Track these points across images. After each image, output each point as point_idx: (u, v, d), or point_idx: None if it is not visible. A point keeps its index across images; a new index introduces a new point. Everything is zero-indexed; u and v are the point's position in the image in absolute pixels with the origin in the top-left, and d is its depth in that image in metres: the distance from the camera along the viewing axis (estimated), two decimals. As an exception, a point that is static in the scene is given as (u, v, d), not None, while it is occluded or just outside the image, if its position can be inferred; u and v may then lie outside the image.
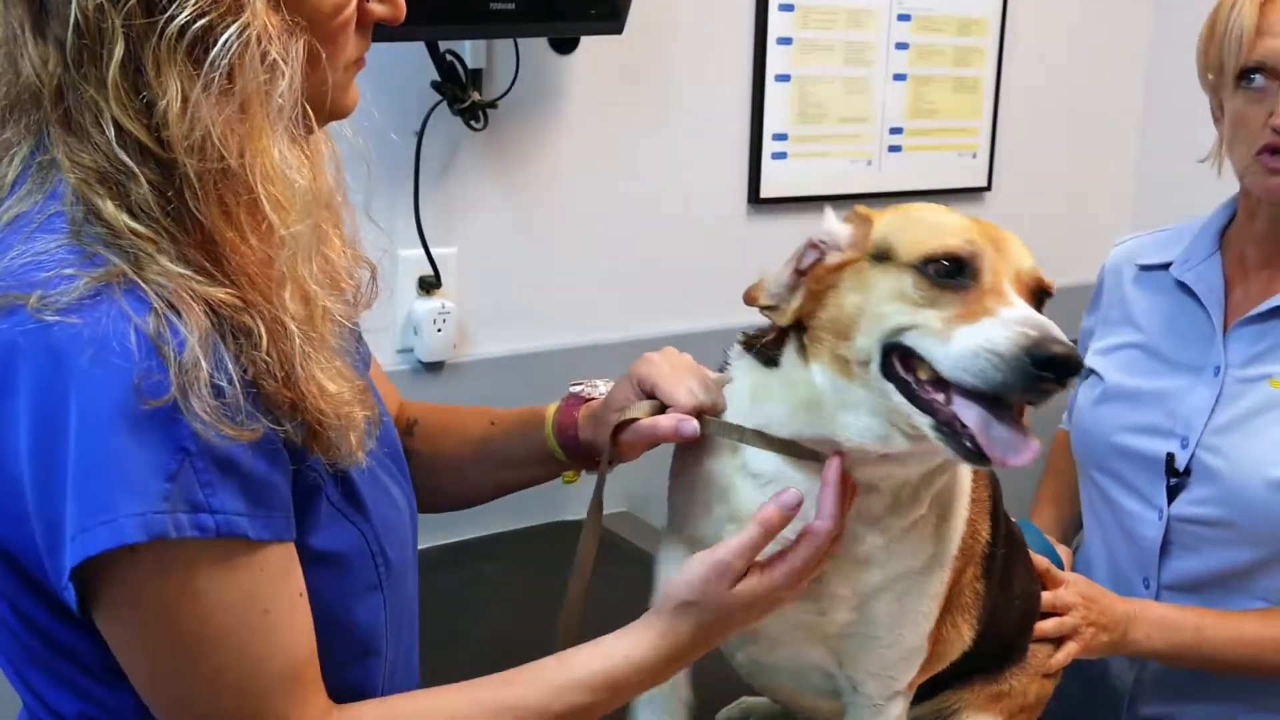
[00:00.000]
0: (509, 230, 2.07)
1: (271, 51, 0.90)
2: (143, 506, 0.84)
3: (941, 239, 1.01)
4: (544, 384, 2.10)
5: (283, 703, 0.93)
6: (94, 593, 0.89)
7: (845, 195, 2.42)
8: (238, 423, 0.87)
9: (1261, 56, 1.42)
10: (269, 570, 0.92)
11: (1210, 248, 1.55)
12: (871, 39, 2.37)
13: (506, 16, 1.79)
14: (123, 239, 0.87)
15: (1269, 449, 1.42)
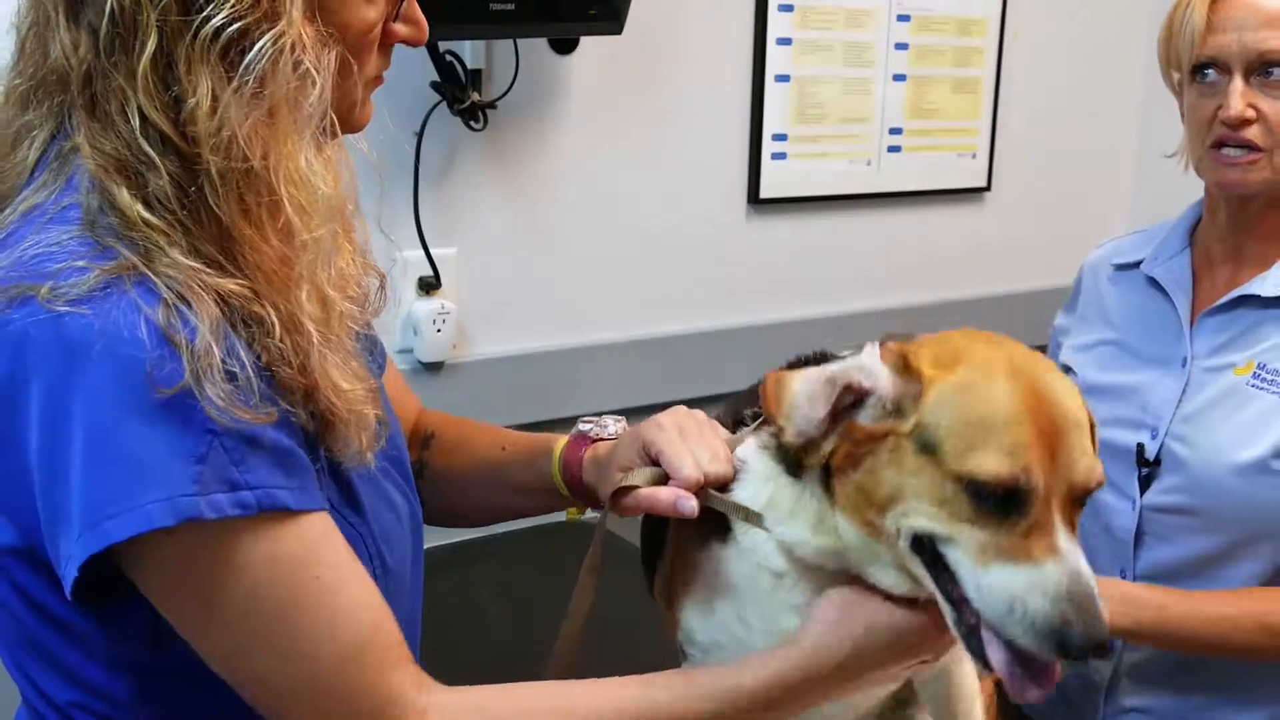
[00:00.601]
0: (508, 231, 2.07)
1: (305, 61, 0.91)
2: (167, 491, 0.84)
3: (993, 461, 0.91)
4: (544, 384, 2.11)
5: (361, 668, 0.92)
6: (141, 580, 0.89)
7: (845, 195, 2.42)
8: (252, 406, 0.87)
9: (1212, 52, 1.46)
10: (311, 538, 0.92)
11: (1180, 245, 1.60)
12: (871, 39, 2.37)
13: (506, 17, 1.79)
14: (135, 230, 0.88)
15: (1231, 435, 1.45)
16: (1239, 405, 1.47)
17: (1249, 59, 1.44)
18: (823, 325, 2.37)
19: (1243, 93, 1.44)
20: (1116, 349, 1.62)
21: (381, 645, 0.94)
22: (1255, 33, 1.43)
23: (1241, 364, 1.49)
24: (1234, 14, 1.45)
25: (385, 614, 0.95)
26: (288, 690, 0.92)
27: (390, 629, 0.96)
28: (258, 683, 0.93)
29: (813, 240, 2.40)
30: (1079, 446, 0.94)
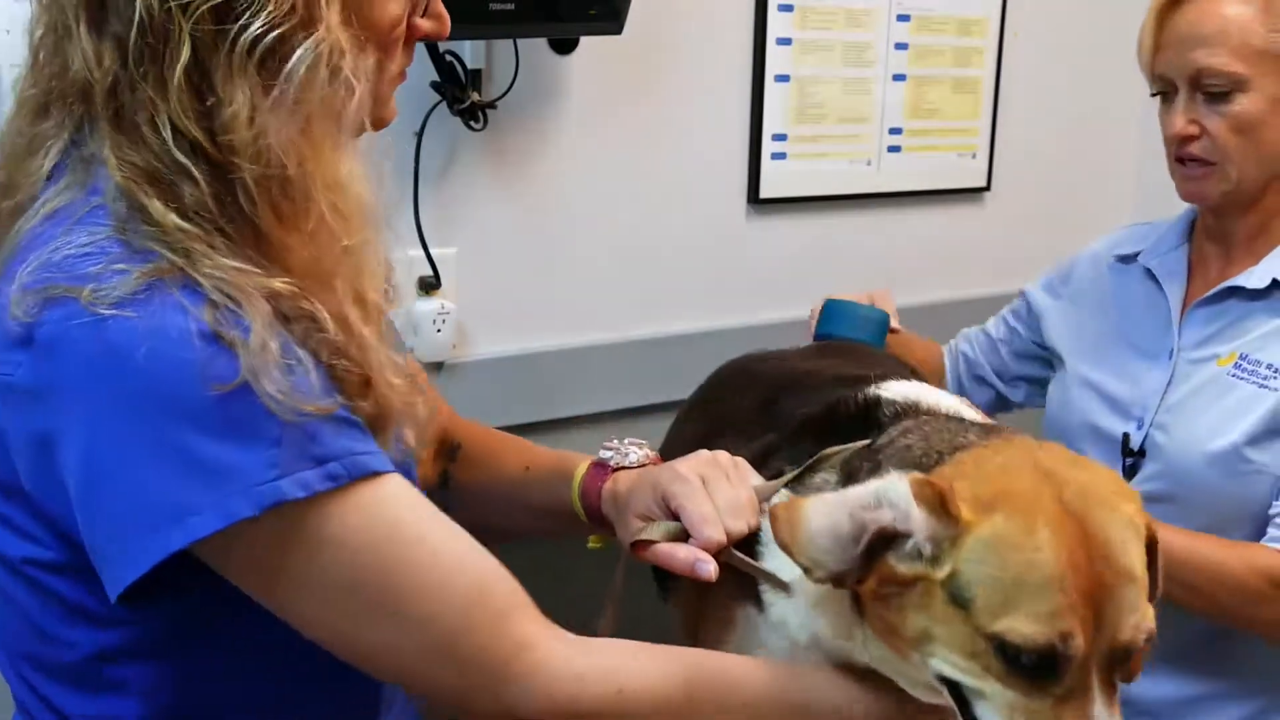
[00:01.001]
0: (508, 230, 2.07)
1: (344, 67, 0.90)
2: (247, 481, 0.83)
3: (1028, 626, 0.85)
4: (544, 384, 2.11)
5: (487, 617, 0.90)
6: (229, 571, 0.88)
7: (845, 195, 2.42)
8: (314, 398, 0.86)
9: (1160, 70, 1.53)
10: (401, 498, 0.91)
11: (1179, 239, 1.63)
12: (871, 39, 2.37)
13: (506, 17, 1.79)
14: (170, 236, 0.87)
15: (1207, 425, 1.49)
16: (1219, 395, 1.50)
17: (1189, 76, 1.48)
18: (823, 325, 2.37)
19: (1184, 110, 1.49)
20: (1111, 339, 1.65)
21: (500, 594, 0.92)
22: (1192, 51, 1.47)
23: (1225, 354, 1.53)
24: (1177, 32, 1.50)
25: (493, 563, 0.93)
26: (413, 656, 0.90)
27: (503, 575, 0.93)
28: (378, 655, 0.91)
29: (813, 240, 2.40)
30: (1127, 604, 0.87)
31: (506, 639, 0.91)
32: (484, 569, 0.93)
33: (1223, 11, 1.47)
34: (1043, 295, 1.81)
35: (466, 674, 0.90)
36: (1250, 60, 1.45)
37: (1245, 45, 1.45)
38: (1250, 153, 1.48)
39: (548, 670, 0.91)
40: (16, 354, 0.86)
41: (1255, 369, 1.49)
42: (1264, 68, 1.46)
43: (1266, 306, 1.52)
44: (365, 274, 0.97)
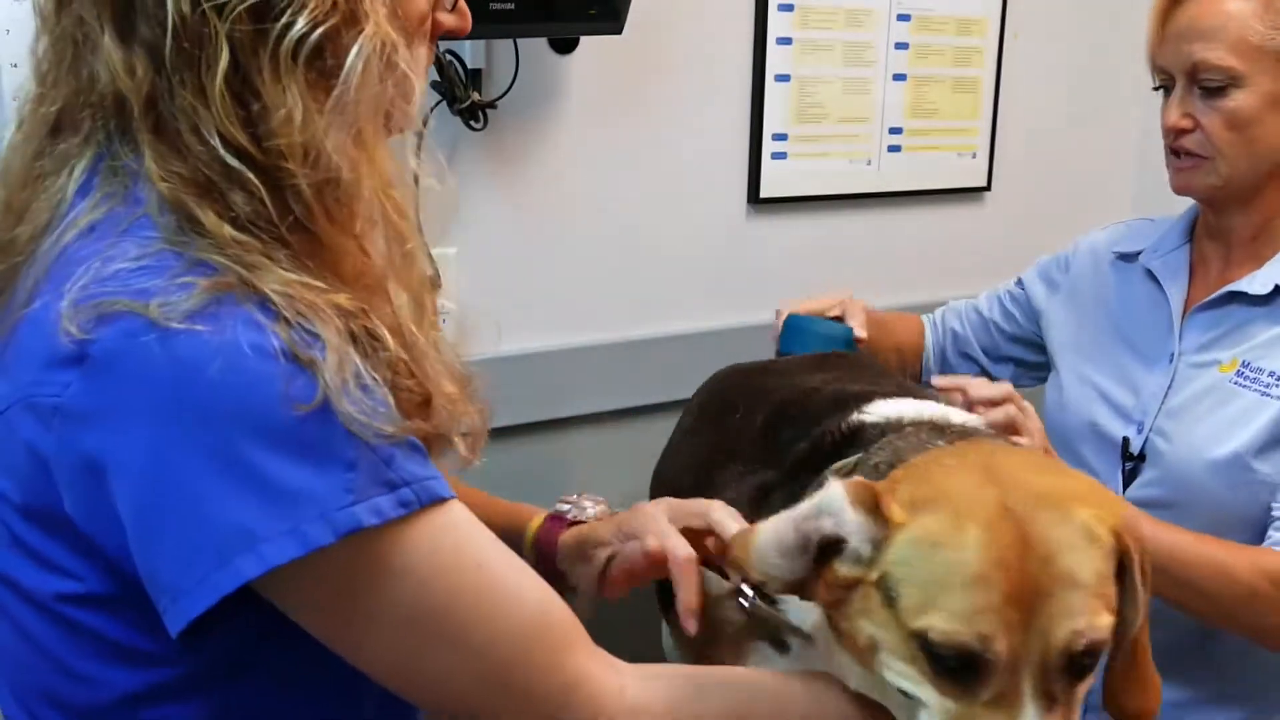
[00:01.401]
0: (509, 230, 2.07)
1: (399, 62, 0.88)
2: (319, 508, 0.79)
3: (944, 623, 0.84)
4: (544, 384, 2.11)
5: (546, 650, 0.88)
6: (291, 605, 0.85)
7: (845, 195, 2.42)
8: (392, 420, 0.84)
9: (1161, 63, 1.53)
10: (463, 526, 0.89)
11: (1180, 239, 1.63)
12: (871, 39, 2.37)
13: (506, 16, 1.79)
14: (228, 249, 0.82)
15: (1209, 432, 1.48)
16: (1221, 402, 1.49)
17: (1186, 70, 1.49)
18: (823, 325, 2.37)
19: (1180, 102, 1.50)
20: (1110, 339, 1.64)
21: (557, 624, 0.91)
22: (1190, 44, 1.48)
23: (1226, 361, 1.52)
24: (1178, 26, 1.50)
25: (551, 593, 0.92)
26: (469, 686, 0.88)
27: (562, 608, 0.92)
28: (435, 685, 0.88)
29: (813, 240, 2.40)
30: (1065, 609, 0.83)
31: (563, 672, 0.89)
32: (545, 598, 0.91)
33: (1223, 7, 1.47)
34: (1041, 288, 1.79)
35: (521, 705, 0.89)
36: (1247, 57, 1.46)
37: (1243, 41, 1.45)
38: (1242, 148, 1.48)
39: (602, 704, 0.89)
40: (65, 374, 0.81)
41: (1258, 377, 1.48)
42: (1261, 65, 1.46)
43: (1268, 313, 1.51)
44: (418, 276, 0.94)
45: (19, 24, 1.60)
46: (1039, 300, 1.79)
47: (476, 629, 0.86)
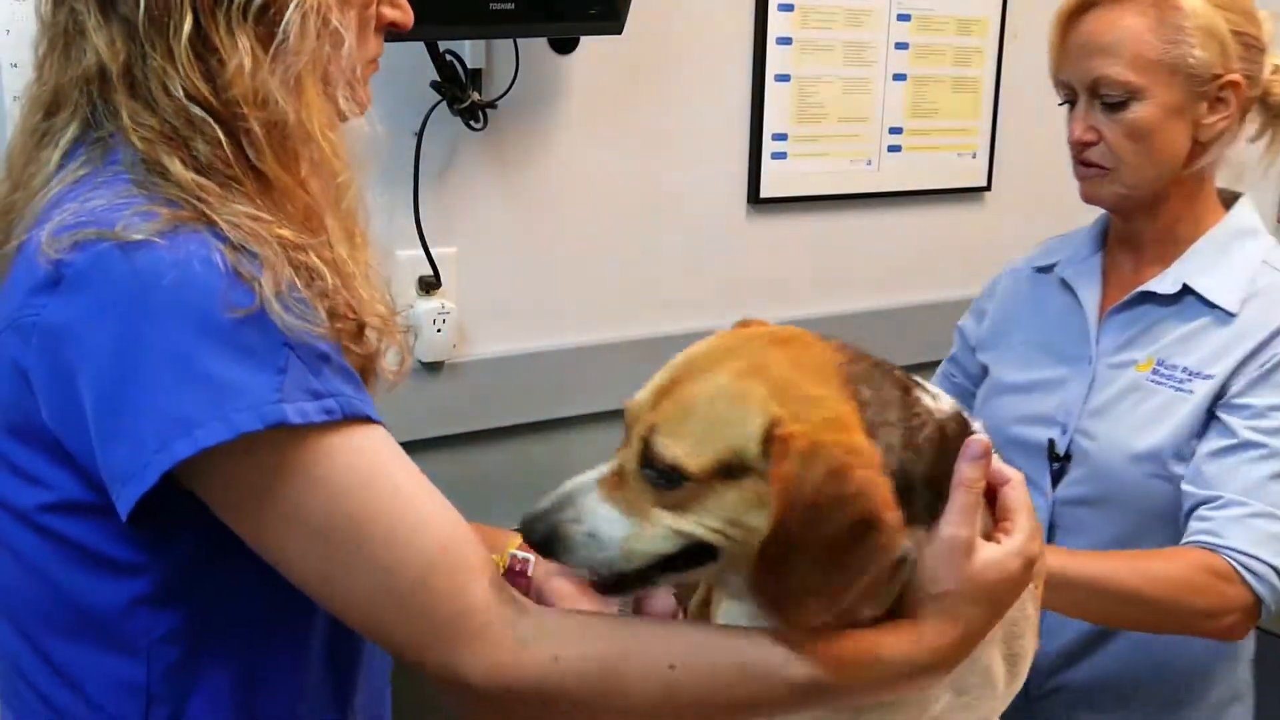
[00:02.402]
0: (509, 230, 2.07)
1: (332, 19, 1.00)
2: (250, 400, 0.88)
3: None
4: (544, 384, 2.11)
5: (445, 577, 0.93)
6: (220, 504, 0.93)
7: (845, 195, 2.42)
8: (320, 325, 0.93)
9: (1063, 77, 1.58)
10: (385, 450, 0.96)
11: (1093, 248, 1.69)
12: (871, 39, 2.37)
13: (506, 16, 1.79)
14: (189, 192, 0.94)
15: (1131, 428, 1.53)
16: (1140, 400, 1.54)
17: (1088, 85, 1.53)
18: (823, 325, 2.36)
19: (1083, 117, 1.55)
20: (1032, 348, 1.69)
21: (465, 553, 0.95)
22: (1090, 60, 1.52)
23: (1143, 360, 1.56)
24: (1077, 42, 1.55)
25: (463, 526, 0.97)
26: (372, 602, 0.93)
27: (469, 538, 0.97)
28: (342, 597, 0.95)
29: (813, 240, 2.40)
30: (667, 426, 0.95)
31: (460, 599, 0.93)
32: (452, 529, 0.96)
33: (1121, 23, 1.51)
34: (972, 322, 1.84)
35: (419, 629, 0.93)
36: (1145, 71, 1.50)
37: (1140, 56, 1.49)
38: (1144, 158, 1.53)
39: (493, 634, 0.93)
40: (43, 296, 0.92)
41: (1172, 373, 1.53)
42: (1158, 78, 1.50)
43: (1178, 311, 1.56)
44: (353, 211, 1.05)
45: (19, 24, 1.60)
46: (972, 335, 1.83)
47: (384, 548, 0.92)
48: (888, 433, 0.94)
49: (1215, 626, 1.41)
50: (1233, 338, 1.51)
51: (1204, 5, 1.49)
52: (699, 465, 0.93)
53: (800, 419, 0.90)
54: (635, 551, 0.96)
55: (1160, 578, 1.39)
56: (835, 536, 0.89)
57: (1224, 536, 1.40)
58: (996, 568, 0.98)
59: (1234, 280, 1.53)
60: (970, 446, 0.98)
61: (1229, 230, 1.57)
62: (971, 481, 0.98)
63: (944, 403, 1.02)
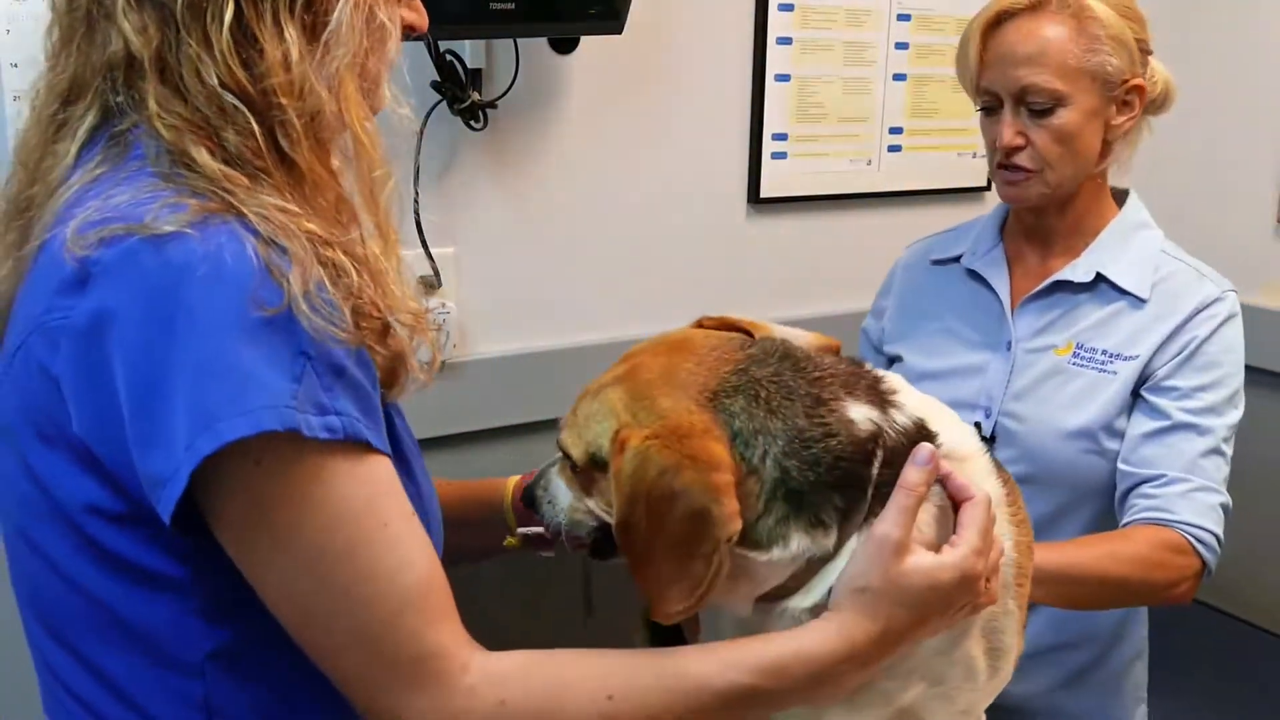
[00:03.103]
0: (509, 230, 2.07)
1: (379, 14, 1.00)
2: (274, 400, 0.87)
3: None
4: (544, 384, 2.11)
5: (415, 619, 0.94)
6: (217, 510, 0.92)
7: (845, 195, 2.42)
8: (345, 329, 0.92)
9: (986, 85, 1.64)
10: (383, 484, 0.95)
11: (993, 240, 1.77)
12: (871, 39, 2.37)
13: (506, 16, 1.79)
14: (217, 183, 0.92)
15: (1059, 408, 1.62)
16: (1065, 382, 1.64)
17: (1013, 92, 1.60)
18: (823, 325, 2.36)
19: (1010, 123, 1.61)
20: (945, 337, 1.76)
21: (435, 598, 0.96)
22: (1017, 70, 1.59)
23: (1061, 345, 1.66)
24: (1000, 51, 1.61)
25: (439, 569, 0.98)
26: (340, 634, 0.93)
27: (442, 584, 0.97)
28: (314, 626, 0.94)
29: (813, 240, 2.40)
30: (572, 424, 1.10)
31: (424, 642, 0.94)
32: (429, 573, 0.96)
33: (1042, 33, 1.58)
34: (872, 322, 1.91)
35: (378, 667, 0.93)
36: (1069, 78, 1.58)
37: (1064, 65, 1.57)
38: (1068, 160, 1.61)
39: (447, 681, 0.94)
40: (71, 297, 0.90)
41: (1092, 356, 1.63)
42: (1081, 84, 1.58)
43: (1092, 298, 1.67)
44: (389, 207, 1.04)
45: (19, 24, 1.60)
46: (876, 334, 1.89)
47: (363, 583, 0.92)
48: (765, 441, 1.01)
49: (1173, 594, 1.52)
50: (1149, 320, 1.62)
51: (1114, 15, 1.59)
52: (578, 455, 1.08)
53: (642, 425, 1.02)
54: (576, 521, 1.12)
55: (1125, 558, 1.48)
56: (674, 529, 0.98)
57: (1174, 512, 1.52)
58: (925, 575, 1.01)
59: (1140, 268, 1.65)
60: (918, 452, 1.03)
61: (1128, 223, 1.70)
62: (913, 485, 1.01)
63: (902, 415, 1.07)
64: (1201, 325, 1.60)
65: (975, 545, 1.03)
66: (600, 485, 1.07)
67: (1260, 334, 1.76)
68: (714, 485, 0.97)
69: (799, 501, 1.01)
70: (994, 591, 1.07)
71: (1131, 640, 1.74)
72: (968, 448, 1.12)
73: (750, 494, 1.00)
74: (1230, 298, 1.64)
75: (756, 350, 1.08)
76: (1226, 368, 1.61)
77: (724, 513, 0.97)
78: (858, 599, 1.01)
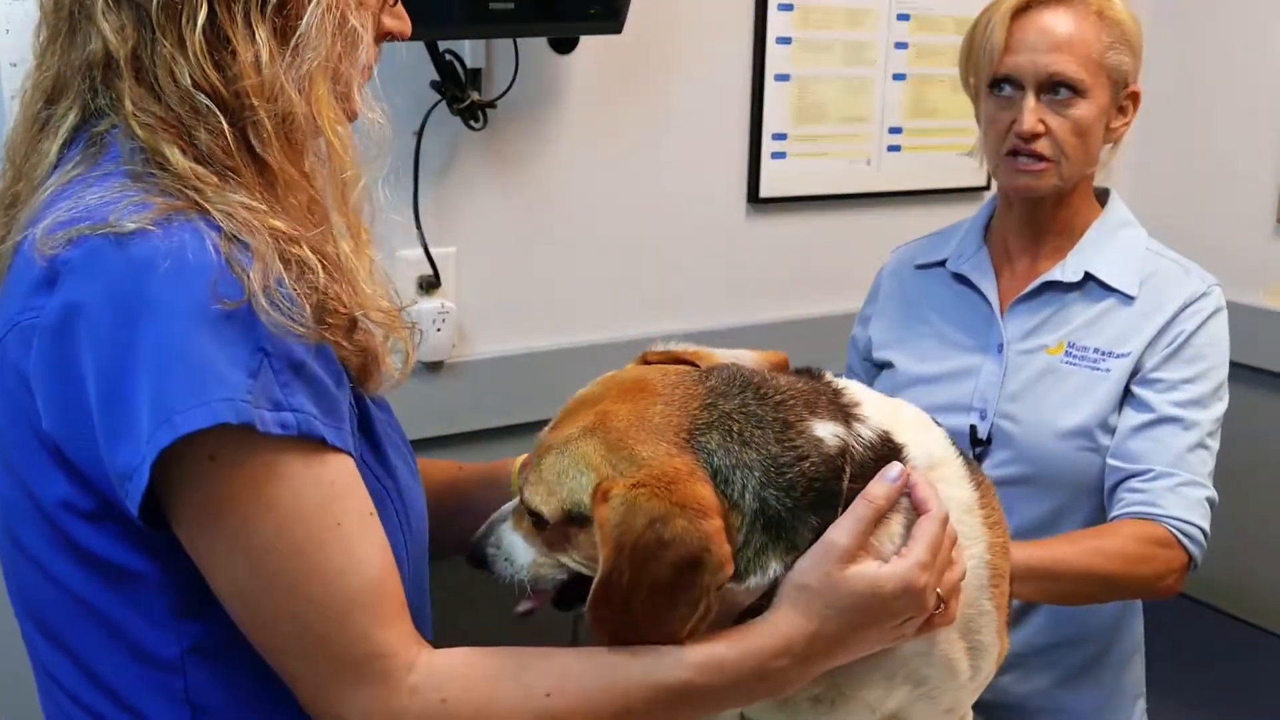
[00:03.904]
0: (508, 230, 2.07)
1: (350, 18, 1.00)
2: (230, 393, 0.88)
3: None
4: (544, 384, 2.11)
5: (364, 619, 0.95)
6: (173, 505, 0.92)
7: (845, 195, 2.42)
8: (304, 325, 0.92)
9: (1008, 70, 1.61)
10: (339, 483, 0.95)
11: (978, 242, 1.77)
12: (871, 39, 2.37)
13: (506, 16, 1.79)
14: (186, 181, 0.93)
15: (1054, 408, 1.63)
16: (1058, 381, 1.64)
17: (1040, 79, 1.59)
18: (823, 325, 2.37)
19: (1034, 109, 1.60)
20: (935, 341, 1.76)
21: (386, 599, 0.96)
22: (1046, 55, 1.59)
23: (1053, 344, 1.67)
24: (1028, 36, 1.60)
25: (393, 570, 0.98)
26: (287, 632, 0.94)
27: (395, 585, 0.98)
28: (263, 623, 0.95)
29: (813, 240, 2.40)
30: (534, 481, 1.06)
31: (371, 642, 0.95)
32: (384, 574, 0.97)
33: (1069, 21, 1.60)
34: (860, 330, 1.90)
35: (324, 665, 0.95)
36: (1092, 70, 1.59)
37: (1089, 57, 1.59)
38: (1082, 153, 1.62)
39: (391, 681, 0.95)
40: (41, 297, 0.92)
41: (1084, 354, 1.64)
42: (1100, 79, 1.60)
43: (1082, 297, 1.67)
44: (359, 208, 1.05)
45: (18, 23, 1.60)
46: (864, 343, 1.89)
47: (313, 581, 0.93)
48: (743, 475, 1.01)
49: (1159, 587, 1.53)
50: (1139, 317, 1.63)
51: (1131, 18, 1.62)
52: (550, 511, 1.04)
53: (625, 476, 0.99)
54: (541, 576, 1.10)
55: (1111, 553, 1.49)
56: (663, 578, 0.97)
57: (1161, 506, 1.53)
58: (866, 581, 1.02)
59: (1127, 266, 1.66)
60: (889, 469, 1.04)
61: (1112, 221, 1.71)
62: (873, 498, 1.03)
63: (866, 428, 1.08)
64: (1189, 319, 1.61)
65: (921, 559, 1.03)
66: (577, 540, 1.05)
67: (1260, 334, 1.76)
68: (706, 532, 0.97)
69: (778, 529, 1.02)
70: (951, 611, 1.08)
71: (1128, 637, 1.75)
72: (937, 453, 1.12)
73: (732, 528, 1.00)
74: (1215, 292, 1.64)
75: (716, 381, 1.07)
76: (1212, 360, 1.61)
77: (716, 560, 0.97)
78: (796, 596, 1.02)
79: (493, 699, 0.98)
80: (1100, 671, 1.72)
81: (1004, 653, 1.19)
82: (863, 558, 1.02)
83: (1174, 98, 2.54)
